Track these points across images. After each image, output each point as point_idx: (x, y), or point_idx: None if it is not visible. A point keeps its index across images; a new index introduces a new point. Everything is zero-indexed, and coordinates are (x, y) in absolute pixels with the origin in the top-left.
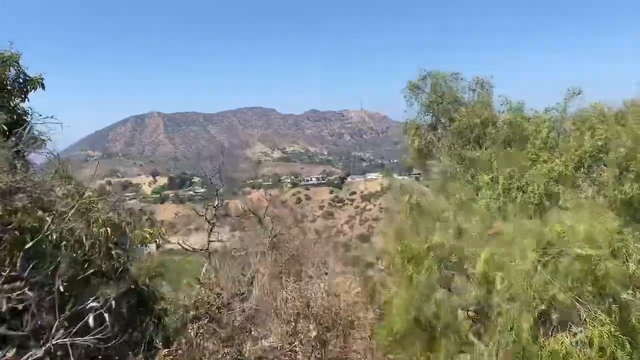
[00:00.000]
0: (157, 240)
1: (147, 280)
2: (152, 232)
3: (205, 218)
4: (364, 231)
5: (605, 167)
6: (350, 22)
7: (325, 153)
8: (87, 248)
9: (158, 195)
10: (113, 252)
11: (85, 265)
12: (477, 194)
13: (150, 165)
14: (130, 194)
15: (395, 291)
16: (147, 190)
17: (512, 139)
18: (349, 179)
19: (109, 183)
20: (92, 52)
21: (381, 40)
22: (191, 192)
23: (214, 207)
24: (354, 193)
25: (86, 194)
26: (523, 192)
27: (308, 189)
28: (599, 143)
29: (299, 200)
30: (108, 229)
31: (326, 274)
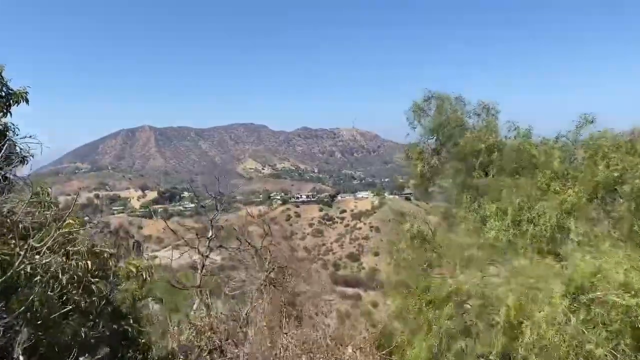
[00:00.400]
0: (144, 274)
1: (133, 303)
2: (138, 264)
3: (198, 251)
4: (353, 250)
5: (621, 200)
6: (343, 41)
7: (316, 170)
8: (64, 282)
9: (147, 210)
10: (94, 287)
11: (63, 299)
12: (483, 224)
13: (140, 179)
14: (118, 208)
15: (409, 337)
16: (136, 204)
17: (520, 167)
18: (339, 197)
19: (97, 196)
20: (85, 64)
21: (374, 59)
22: (180, 207)
23: (208, 238)
24: (344, 211)
25: (67, 222)
26: (534, 224)
27: (298, 206)
28: (615, 174)
29: (288, 217)
30: (89, 262)
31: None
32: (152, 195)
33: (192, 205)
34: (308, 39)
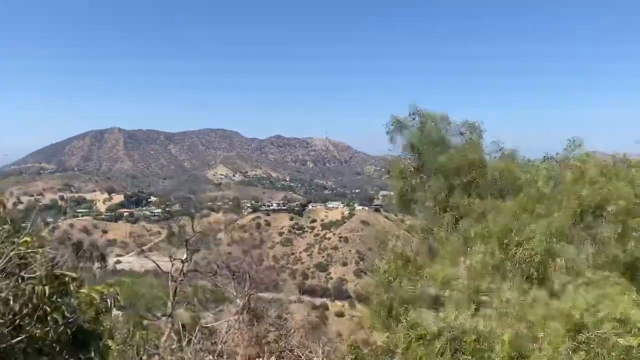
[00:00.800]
0: (109, 301)
1: (95, 318)
2: (102, 290)
3: (170, 276)
4: (322, 260)
5: (606, 225)
6: (317, 51)
7: (288, 179)
8: (16, 309)
9: (112, 214)
10: (49, 317)
11: (15, 325)
12: (467, 246)
13: (106, 181)
14: (83, 210)
15: None
16: (102, 207)
17: (506, 189)
18: (310, 206)
19: (62, 198)
20: (53, 63)
21: (348, 71)
22: (147, 212)
23: (182, 260)
24: (315, 221)
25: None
26: (522, 248)
27: (268, 214)
28: (598, 198)
29: (258, 226)
30: (46, 287)
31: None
32: (118, 198)
33: (159, 210)
34: (282, 46)
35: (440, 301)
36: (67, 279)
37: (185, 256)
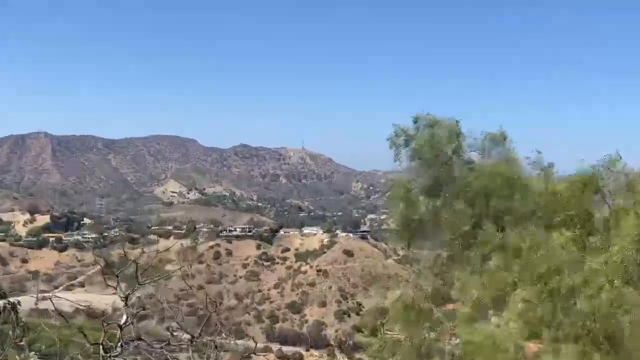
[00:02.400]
0: None
1: None
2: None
3: (102, 345)
4: (295, 299)
5: None
6: (291, 45)
7: (255, 198)
8: None
9: (35, 239)
10: None
11: None
12: (501, 294)
13: (28, 198)
14: None
15: None
16: (22, 230)
17: (548, 215)
18: (281, 231)
19: None
20: None
21: (328, 70)
22: (79, 237)
23: (119, 325)
24: (287, 250)
25: None
26: (578, 297)
27: (230, 242)
28: None
29: (217, 255)
30: None
31: None
32: (43, 220)
33: (94, 235)
34: (248, 42)
35: None
36: None
37: (124, 319)
